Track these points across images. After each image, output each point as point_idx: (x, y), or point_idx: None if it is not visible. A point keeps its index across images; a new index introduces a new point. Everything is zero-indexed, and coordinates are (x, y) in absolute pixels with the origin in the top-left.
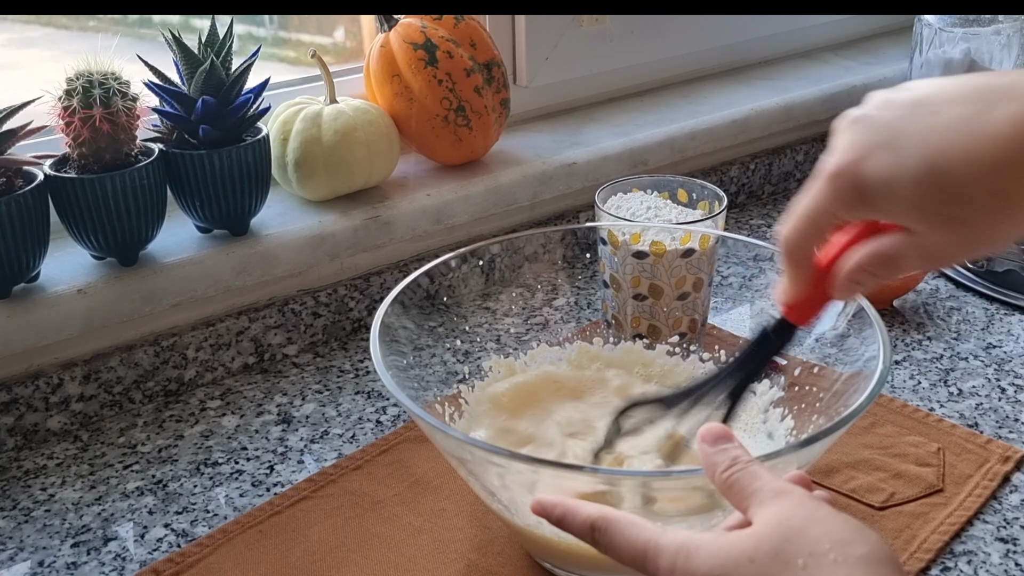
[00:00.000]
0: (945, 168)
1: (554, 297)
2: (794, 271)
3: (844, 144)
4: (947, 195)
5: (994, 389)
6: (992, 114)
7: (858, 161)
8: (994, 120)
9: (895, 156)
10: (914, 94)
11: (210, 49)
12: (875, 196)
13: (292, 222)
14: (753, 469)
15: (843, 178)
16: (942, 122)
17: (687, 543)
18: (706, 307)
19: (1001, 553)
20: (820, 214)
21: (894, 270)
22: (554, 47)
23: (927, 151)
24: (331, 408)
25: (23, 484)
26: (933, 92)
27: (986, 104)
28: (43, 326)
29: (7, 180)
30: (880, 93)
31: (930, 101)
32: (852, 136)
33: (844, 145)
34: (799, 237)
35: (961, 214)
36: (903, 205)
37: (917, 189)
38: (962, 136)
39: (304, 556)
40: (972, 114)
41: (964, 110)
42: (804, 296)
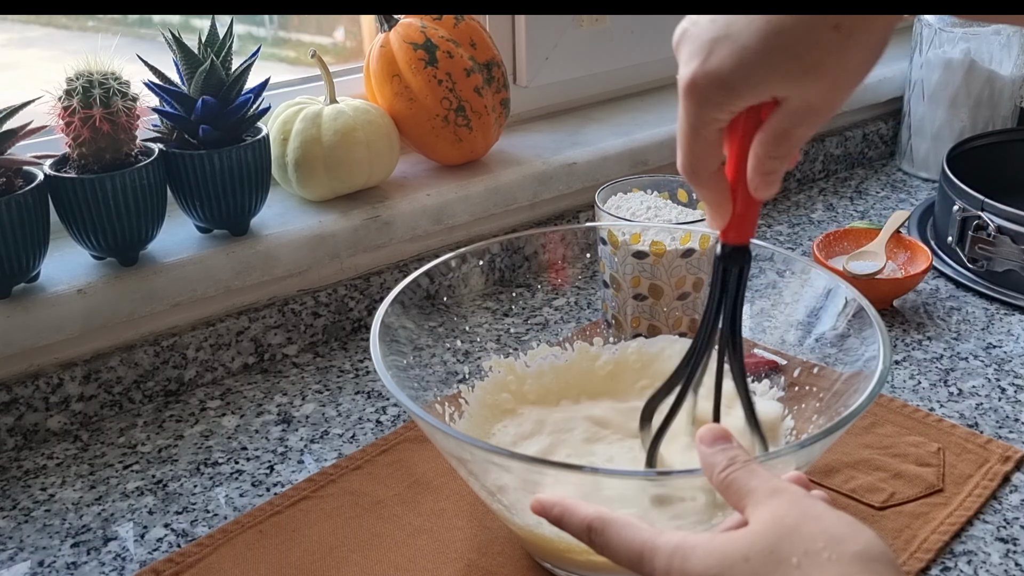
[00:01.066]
0: (783, 25)
1: (554, 297)
2: (708, 191)
3: (684, 59)
4: (794, 47)
5: (994, 389)
6: None
7: (704, 62)
8: None
9: (733, 42)
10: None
11: (210, 49)
12: (735, 82)
13: (292, 222)
14: (751, 468)
15: (699, 83)
16: None
17: (683, 544)
18: None
19: (1001, 553)
20: (699, 125)
21: (790, 142)
22: (554, 47)
23: (759, 20)
24: (331, 408)
25: (23, 484)
26: None
27: None
28: (43, 326)
29: (7, 180)
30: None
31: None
32: (686, 48)
33: (684, 59)
34: (693, 157)
35: (814, 58)
36: (762, 77)
37: (767, 56)
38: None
39: (304, 556)
40: None
41: None
42: (733, 213)
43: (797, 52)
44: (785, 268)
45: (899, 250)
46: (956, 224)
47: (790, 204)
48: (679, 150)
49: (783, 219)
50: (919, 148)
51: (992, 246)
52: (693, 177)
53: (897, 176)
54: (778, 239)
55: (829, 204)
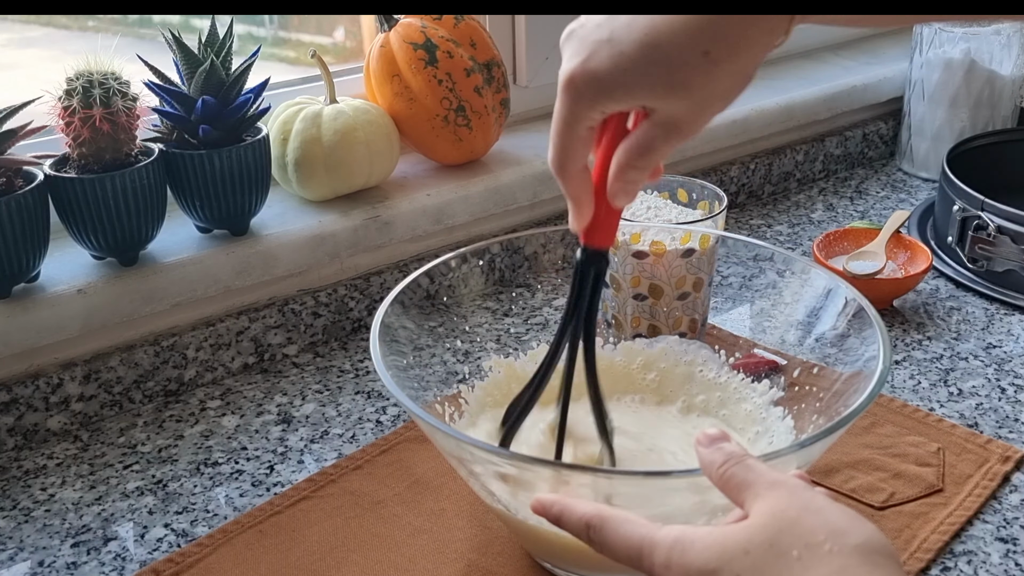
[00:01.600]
0: (658, 41)
1: (554, 297)
2: (572, 188)
3: (568, 55)
4: (664, 66)
5: (994, 389)
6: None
7: (584, 61)
8: None
9: (613, 47)
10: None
11: (210, 49)
12: (608, 84)
13: (292, 222)
14: (748, 463)
15: (576, 80)
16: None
17: (682, 538)
18: (706, 307)
19: (1001, 553)
20: (572, 122)
21: (651, 154)
22: (554, 47)
23: (638, 33)
24: (331, 408)
25: (23, 484)
26: None
27: None
28: (43, 326)
29: (7, 180)
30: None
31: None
32: (571, 46)
33: (568, 55)
34: (562, 151)
35: (682, 78)
36: (633, 84)
37: (640, 66)
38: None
39: (304, 556)
40: None
41: None
42: (595, 216)
43: (668, 68)
44: (785, 268)
45: (899, 250)
46: (956, 224)
47: (790, 204)
48: (551, 145)
49: (783, 219)
50: (919, 148)
51: (992, 246)
52: (560, 171)
53: (897, 176)
54: (778, 239)
55: (829, 204)
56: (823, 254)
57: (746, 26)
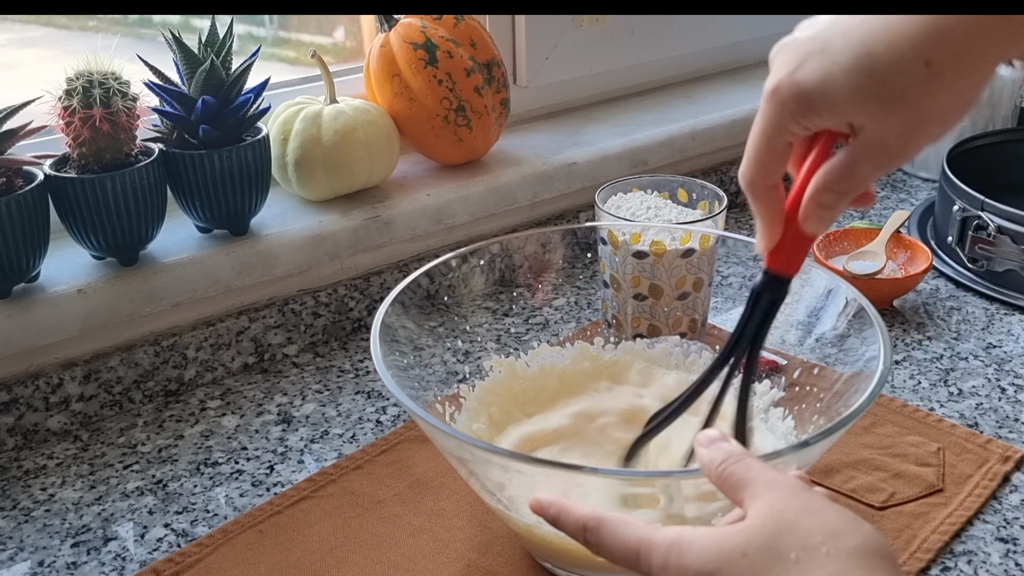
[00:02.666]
0: (874, 50)
1: (554, 297)
2: (761, 206)
3: (777, 65)
4: (881, 75)
5: (994, 389)
6: None
7: (793, 72)
8: None
9: (825, 57)
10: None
11: (210, 49)
12: (815, 98)
13: (292, 222)
14: (746, 462)
15: (782, 91)
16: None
17: (679, 539)
18: (706, 307)
19: (1001, 553)
20: (771, 134)
21: (853, 177)
22: (554, 47)
23: (854, 42)
24: (331, 408)
25: (23, 484)
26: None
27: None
28: (43, 326)
29: (7, 180)
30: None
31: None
32: (783, 56)
33: (778, 66)
34: (758, 165)
35: (898, 92)
36: (843, 100)
37: (852, 77)
38: (884, 21)
39: (304, 556)
40: None
41: None
42: (782, 239)
43: (883, 80)
44: None
45: (899, 250)
46: (956, 224)
47: None
48: (745, 157)
49: None
50: None
51: (992, 246)
52: (750, 186)
53: (897, 176)
54: None
55: None
56: (823, 254)
57: (975, 34)
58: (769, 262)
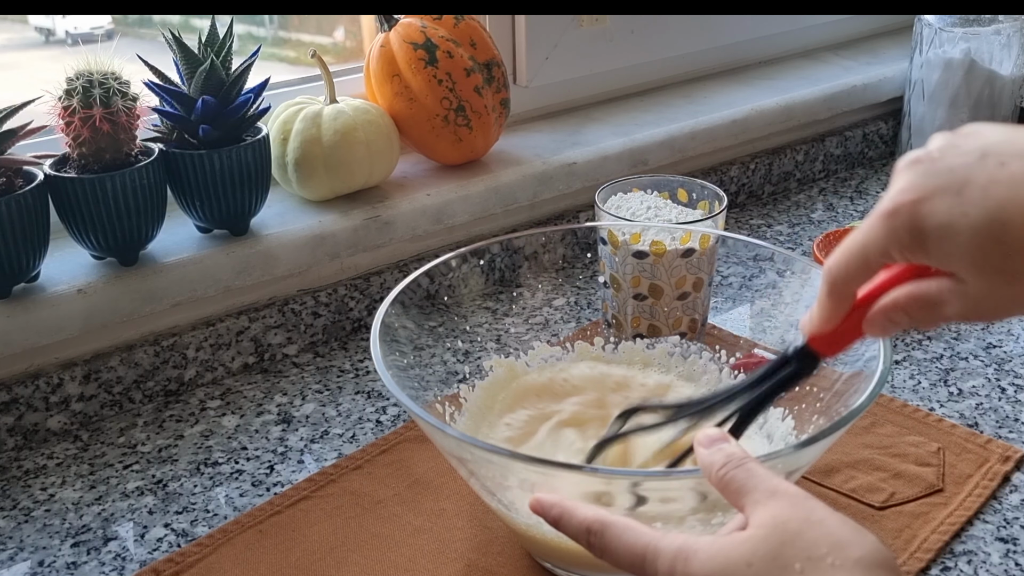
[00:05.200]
0: (1007, 220)
1: (554, 297)
2: (833, 305)
3: (904, 184)
4: (1007, 249)
5: (994, 389)
6: None
7: (918, 202)
8: None
9: (956, 202)
10: (981, 141)
11: (210, 49)
12: (930, 240)
13: (292, 222)
14: (748, 466)
15: (900, 217)
16: (1009, 174)
17: (685, 547)
18: (706, 307)
19: (1001, 553)
20: (871, 251)
21: (934, 316)
22: (554, 47)
23: (991, 202)
24: (331, 408)
25: (23, 484)
26: (1002, 141)
27: None
28: (43, 326)
29: (7, 180)
30: (944, 135)
31: (998, 151)
32: (913, 177)
33: (904, 185)
34: (846, 271)
35: (1018, 270)
36: (958, 253)
37: (976, 239)
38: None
39: (304, 556)
40: None
41: None
42: (835, 328)
43: (1007, 253)
44: (785, 268)
45: None
46: None
47: (790, 204)
48: (838, 253)
49: (783, 219)
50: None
51: None
52: (831, 285)
53: None
54: (778, 239)
55: (829, 204)
56: (823, 254)
57: None
58: (813, 341)
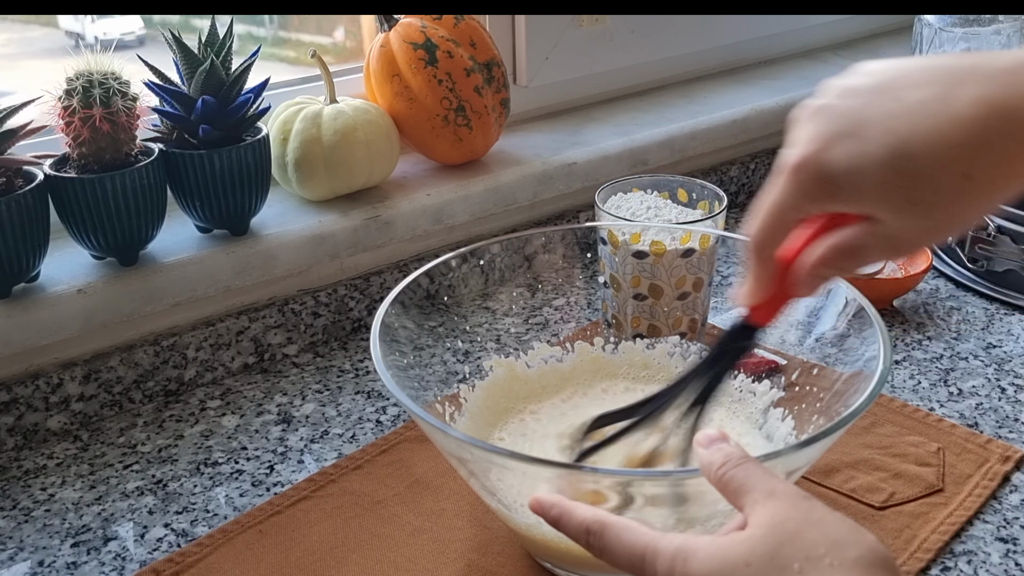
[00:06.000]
0: (910, 152)
1: (554, 297)
2: (759, 270)
3: (806, 135)
4: (913, 180)
5: (994, 389)
6: (956, 96)
7: (820, 151)
8: (959, 102)
9: (859, 144)
10: (874, 80)
11: (210, 49)
12: (840, 186)
13: (292, 222)
14: (747, 466)
15: (806, 170)
16: (905, 107)
17: (684, 547)
18: (706, 307)
19: (1001, 553)
20: (785, 209)
21: (857, 261)
22: (554, 47)
23: (891, 136)
24: (331, 408)
25: (23, 484)
26: (894, 77)
27: (949, 86)
28: (43, 326)
29: (7, 180)
30: (837, 80)
31: (892, 86)
32: (813, 127)
33: (806, 136)
34: (767, 234)
35: (929, 199)
36: (869, 193)
37: (883, 175)
38: (927, 119)
39: (304, 556)
40: (935, 97)
41: (927, 93)
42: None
43: (915, 186)
44: None
45: None
46: None
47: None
48: (754, 219)
49: None
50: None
51: (992, 246)
52: (753, 249)
53: None
54: None
55: None
56: None
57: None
58: (751, 313)
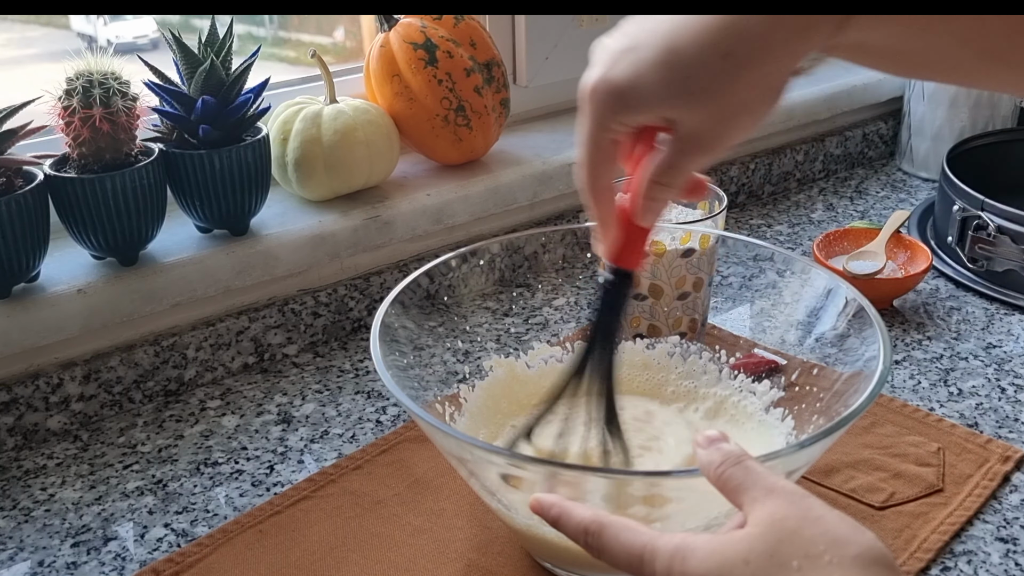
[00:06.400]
0: (677, 46)
1: (554, 297)
2: (599, 209)
3: (594, 64)
4: (684, 69)
5: (994, 389)
6: None
7: (606, 71)
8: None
9: (635, 54)
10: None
11: (210, 49)
12: (627, 95)
13: (292, 222)
14: (746, 464)
15: (597, 91)
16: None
17: (683, 546)
18: (706, 307)
19: (1001, 553)
20: (595, 133)
21: (677, 171)
22: (554, 47)
23: (660, 38)
24: (331, 408)
25: (23, 484)
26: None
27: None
28: (43, 326)
29: (7, 180)
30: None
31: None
32: (598, 55)
33: (593, 67)
34: (588, 166)
35: (703, 85)
36: (654, 94)
37: (660, 74)
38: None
39: (304, 556)
40: None
41: None
42: (622, 239)
43: (687, 74)
44: (785, 268)
45: (899, 250)
46: (956, 224)
47: (790, 204)
48: (576, 160)
49: (783, 219)
50: (919, 148)
51: (992, 246)
52: (585, 187)
53: (897, 176)
54: (778, 239)
55: (829, 204)
56: (823, 254)
57: (771, 27)
58: (612, 258)
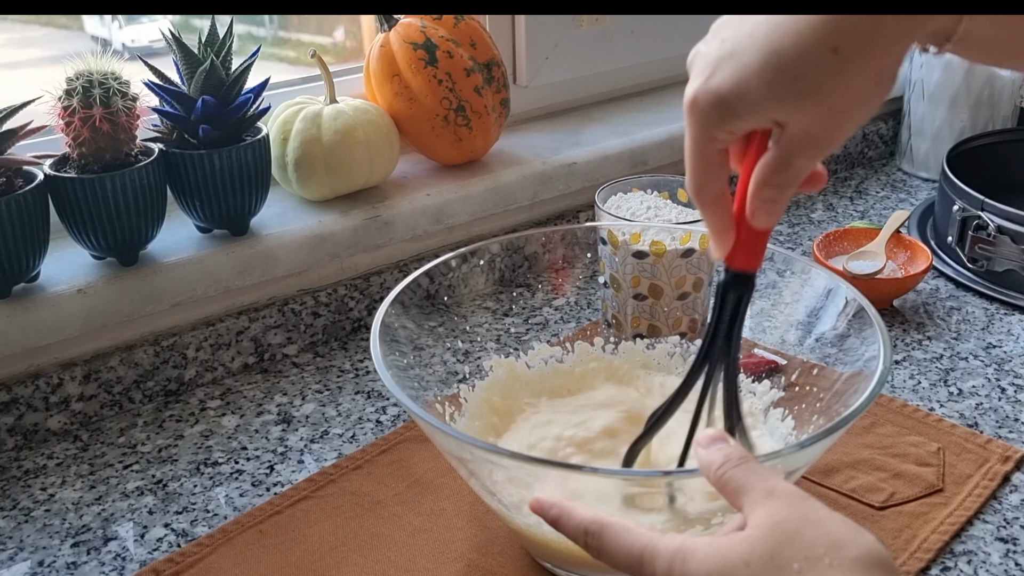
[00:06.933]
0: (780, 48)
1: (554, 297)
2: (710, 215)
3: (693, 75)
4: (791, 70)
5: (994, 389)
6: None
7: (706, 80)
8: None
9: (736, 60)
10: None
11: (210, 49)
12: (733, 103)
13: (292, 222)
14: (746, 466)
15: (699, 101)
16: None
17: (683, 547)
18: (706, 307)
19: (1001, 553)
20: (701, 144)
21: (791, 172)
22: (554, 47)
23: (761, 41)
24: (331, 408)
25: (23, 484)
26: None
27: None
28: (43, 326)
29: (7, 180)
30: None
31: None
32: (696, 66)
33: (692, 76)
34: (698, 177)
35: (811, 82)
36: (760, 99)
37: (765, 78)
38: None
39: (304, 556)
40: None
41: None
42: (739, 239)
43: (794, 74)
44: (785, 268)
45: (899, 250)
46: (956, 224)
47: (790, 204)
48: (686, 170)
49: (783, 219)
50: (919, 148)
51: (992, 246)
52: (696, 197)
53: (897, 176)
54: (778, 239)
55: (829, 204)
56: (823, 254)
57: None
58: (730, 262)
